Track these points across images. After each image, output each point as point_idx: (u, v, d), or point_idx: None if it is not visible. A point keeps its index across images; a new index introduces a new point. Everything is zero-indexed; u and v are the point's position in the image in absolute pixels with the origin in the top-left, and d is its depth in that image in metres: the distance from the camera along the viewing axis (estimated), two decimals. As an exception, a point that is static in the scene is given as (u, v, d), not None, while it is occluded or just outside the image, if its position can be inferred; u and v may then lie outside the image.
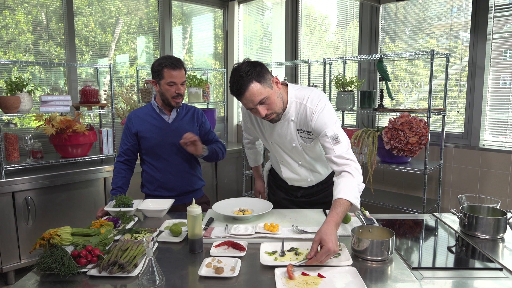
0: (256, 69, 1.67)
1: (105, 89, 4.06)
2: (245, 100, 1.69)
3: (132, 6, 4.23)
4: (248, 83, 1.64)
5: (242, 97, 1.69)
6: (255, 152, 2.37)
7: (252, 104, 1.69)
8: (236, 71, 1.68)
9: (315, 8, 4.25)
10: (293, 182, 2.07)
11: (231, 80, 1.70)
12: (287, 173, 2.03)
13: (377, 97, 3.41)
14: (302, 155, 1.93)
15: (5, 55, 3.50)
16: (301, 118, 1.80)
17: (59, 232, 1.49)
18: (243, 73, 1.65)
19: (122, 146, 2.31)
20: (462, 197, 1.97)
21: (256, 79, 1.65)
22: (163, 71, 2.13)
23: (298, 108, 1.80)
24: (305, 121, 1.79)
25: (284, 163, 2.01)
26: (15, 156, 3.21)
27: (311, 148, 1.88)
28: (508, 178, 2.94)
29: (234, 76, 1.68)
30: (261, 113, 1.71)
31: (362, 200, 3.28)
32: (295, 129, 1.84)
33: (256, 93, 1.66)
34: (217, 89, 5.06)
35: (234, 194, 4.28)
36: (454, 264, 1.54)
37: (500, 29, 3.01)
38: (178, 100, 2.20)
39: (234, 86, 1.67)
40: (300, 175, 2.01)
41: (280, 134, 1.88)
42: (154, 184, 2.31)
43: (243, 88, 1.65)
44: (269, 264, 1.42)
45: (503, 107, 3.04)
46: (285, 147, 1.93)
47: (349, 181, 1.62)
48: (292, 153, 1.94)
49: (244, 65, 1.69)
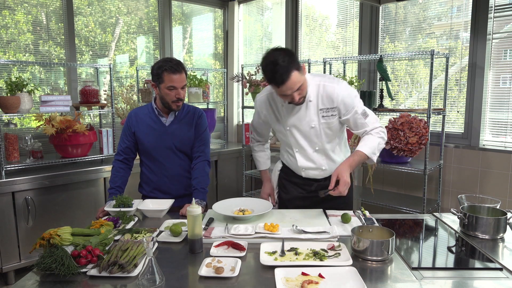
0: (293, 58, 1.75)
1: (105, 89, 4.06)
2: (285, 88, 1.75)
3: (132, 6, 4.23)
4: (290, 72, 1.72)
5: (283, 86, 1.74)
6: (265, 154, 2.35)
7: (291, 91, 1.76)
8: (275, 61, 1.71)
9: (315, 8, 4.25)
10: (308, 173, 2.08)
11: (269, 69, 1.73)
12: (302, 162, 2.05)
13: (377, 97, 3.41)
14: (320, 138, 1.97)
15: (5, 55, 3.50)
16: (323, 97, 1.90)
17: (59, 232, 1.49)
18: (283, 63, 1.70)
19: (121, 144, 2.29)
20: (462, 197, 1.97)
21: (295, 68, 1.74)
22: (163, 74, 2.08)
23: (317, 89, 1.91)
24: (328, 98, 1.89)
25: (299, 151, 2.03)
26: (15, 156, 3.21)
27: (330, 126, 1.95)
28: (508, 178, 2.94)
29: (274, 65, 1.71)
30: (296, 98, 1.81)
31: (362, 200, 3.28)
32: (315, 110, 1.93)
33: (296, 81, 1.75)
34: (217, 89, 5.06)
35: (234, 194, 4.28)
36: (454, 264, 1.54)
37: (500, 29, 3.01)
38: (179, 103, 2.16)
39: (276, 75, 1.72)
40: (315, 162, 2.03)
41: (299, 116, 1.95)
42: (151, 185, 2.30)
43: (285, 77, 1.71)
44: (269, 264, 1.41)
45: (503, 107, 3.04)
46: (303, 130, 1.97)
47: (372, 139, 1.90)
48: (309, 137, 1.98)
49: (281, 54, 1.73)
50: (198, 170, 2.23)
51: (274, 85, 1.77)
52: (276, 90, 1.80)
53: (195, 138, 2.27)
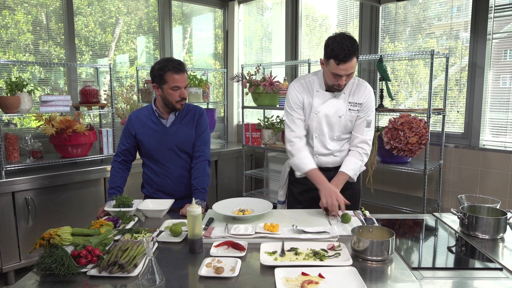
0: (358, 46, 1.92)
1: (105, 89, 4.06)
2: (343, 66, 1.88)
3: (132, 6, 4.23)
4: (354, 55, 1.88)
5: (344, 63, 1.87)
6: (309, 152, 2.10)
7: (345, 72, 1.90)
8: (345, 41, 1.86)
9: (315, 8, 4.25)
10: (320, 159, 2.15)
11: (339, 46, 1.85)
12: (318, 147, 2.14)
13: (377, 97, 3.41)
14: (340, 128, 2.10)
15: (5, 55, 3.50)
16: (354, 91, 2.09)
17: (59, 232, 1.49)
18: (354, 45, 1.88)
19: (120, 146, 2.28)
20: (462, 197, 1.97)
21: (357, 56, 1.91)
22: (166, 75, 2.06)
23: (352, 84, 2.09)
24: (358, 94, 2.08)
25: (319, 136, 2.12)
26: (15, 156, 3.21)
27: (352, 119, 2.10)
28: (508, 178, 2.94)
29: (344, 44, 1.85)
30: (343, 82, 1.95)
31: (362, 200, 3.28)
32: (345, 101, 2.08)
33: (354, 65, 1.91)
34: (217, 89, 5.06)
35: (234, 194, 4.28)
36: (454, 264, 1.54)
37: (500, 29, 3.01)
38: (183, 103, 2.16)
39: (344, 51, 1.84)
40: (329, 149, 2.13)
41: (330, 104, 2.08)
42: (154, 187, 2.30)
43: (350, 57, 1.86)
44: (269, 264, 1.41)
45: (503, 107, 3.04)
46: (330, 117, 2.08)
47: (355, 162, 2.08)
48: (333, 125, 2.10)
49: (351, 38, 1.90)
50: (199, 170, 2.22)
51: (337, 59, 1.86)
52: (333, 66, 1.90)
53: (196, 137, 2.26)
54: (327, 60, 1.93)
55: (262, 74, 3.81)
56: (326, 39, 1.96)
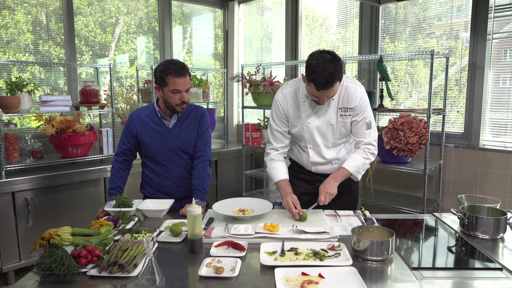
0: (342, 69, 1.82)
1: (105, 89, 4.06)
2: (324, 92, 1.82)
3: (132, 6, 4.23)
4: (336, 81, 1.80)
5: (327, 89, 1.80)
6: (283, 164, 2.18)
7: (326, 96, 1.85)
8: (327, 67, 1.76)
9: (315, 8, 4.25)
10: (317, 168, 2.14)
11: (319, 72, 1.76)
12: (314, 157, 2.12)
13: (377, 97, 3.41)
14: (335, 135, 2.07)
15: (5, 55, 3.50)
16: (343, 97, 1.99)
17: (59, 232, 1.49)
18: (335, 72, 1.77)
19: (121, 145, 2.27)
20: (462, 197, 1.97)
21: (339, 79, 1.82)
22: (167, 78, 2.06)
23: (340, 89, 1.99)
24: (348, 98, 1.99)
25: (313, 147, 2.10)
26: (15, 156, 3.21)
27: (345, 125, 2.04)
28: (508, 178, 2.94)
29: (326, 70, 1.76)
30: (325, 101, 1.91)
31: (362, 200, 3.28)
32: (335, 108, 2.02)
33: (335, 90, 1.85)
34: (217, 89, 5.06)
35: (234, 194, 4.28)
36: (454, 264, 1.54)
37: (500, 29, 3.01)
38: (183, 106, 2.14)
39: (323, 81, 1.77)
40: (326, 158, 2.11)
41: (319, 113, 2.03)
42: (154, 187, 2.29)
43: (329, 85, 1.79)
44: (269, 264, 1.42)
45: (503, 107, 3.04)
46: (321, 127, 2.04)
47: (359, 159, 2.04)
48: (326, 133, 2.06)
49: (334, 62, 1.78)
50: (199, 170, 2.22)
51: (314, 85, 1.80)
52: (313, 89, 1.83)
53: (197, 137, 2.25)
54: (308, 81, 1.85)
55: (262, 74, 3.81)
56: (308, 56, 1.85)
